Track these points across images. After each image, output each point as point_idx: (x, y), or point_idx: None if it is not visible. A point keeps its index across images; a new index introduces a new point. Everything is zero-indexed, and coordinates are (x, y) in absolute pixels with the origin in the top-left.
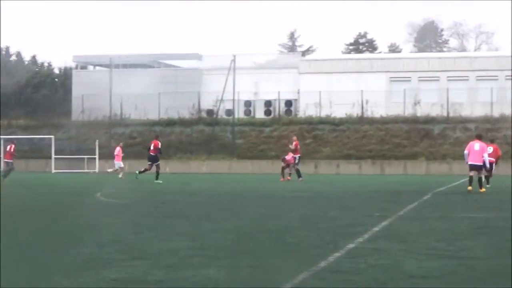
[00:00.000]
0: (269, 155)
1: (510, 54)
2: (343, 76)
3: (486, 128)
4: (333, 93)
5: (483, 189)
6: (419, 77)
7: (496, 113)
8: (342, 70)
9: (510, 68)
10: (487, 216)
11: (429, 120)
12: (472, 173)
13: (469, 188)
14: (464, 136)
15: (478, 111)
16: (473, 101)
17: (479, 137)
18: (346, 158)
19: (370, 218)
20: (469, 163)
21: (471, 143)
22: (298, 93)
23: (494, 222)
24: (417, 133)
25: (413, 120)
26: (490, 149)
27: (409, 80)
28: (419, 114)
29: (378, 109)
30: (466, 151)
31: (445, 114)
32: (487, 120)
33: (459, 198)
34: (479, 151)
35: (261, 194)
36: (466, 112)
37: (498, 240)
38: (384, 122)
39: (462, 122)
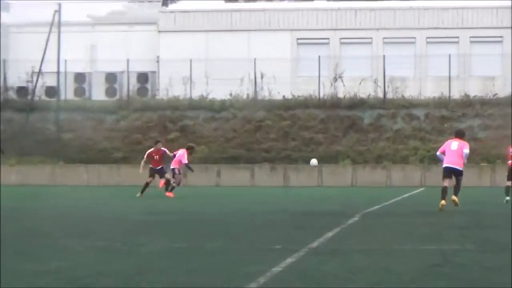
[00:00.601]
0: (114, 158)
1: (478, 5)
2: (225, 36)
3: (440, 116)
4: (210, 62)
5: (456, 198)
6: (342, 38)
7: (455, 93)
8: (223, 28)
9: (478, 26)
10: (445, 248)
11: (356, 104)
12: (446, 182)
13: (443, 203)
14: (409, 127)
15: (430, 90)
16: (423, 75)
17: (459, 135)
18: (231, 162)
19: (269, 252)
20: (445, 165)
21: (447, 142)
22: (158, 62)
23: (455, 257)
24: (338, 124)
25: (333, 104)
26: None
27: (327, 43)
28: (341, 94)
29: (280, 87)
30: (438, 153)
31: (380, 94)
32: (442, 103)
33: (402, 221)
34: (457, 151)
35: (104, 218)
36: (412, 91)
37: (461, 283)
38: (288, 106)
39: (405, 106)
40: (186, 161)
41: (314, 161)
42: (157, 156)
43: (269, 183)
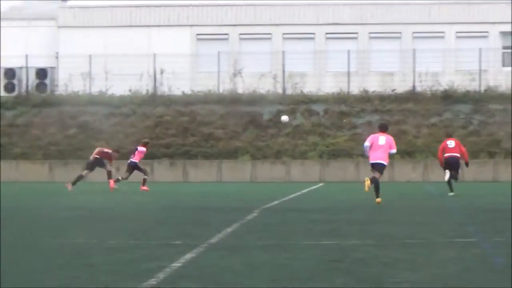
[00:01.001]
0: (12, 154)
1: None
2: (125, 32)
3: (339, 112)
4: (110, 58)
5: (379, 199)
6: (241, 33)
7: (354, 89)
8: (123, 23)
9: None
10: (344, 243)
11: (255, 99)
12: (377, 174)
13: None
14: (308, 123)
15: (329, 86)
16: (322, 70)
17: (383, 129)
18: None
19: (168, 248)
20: (374, 161)
21: (374, 135)
22: (57, 57)
23: (353, 252)
24: (238, 119)
25: (232, 100)
26: (451, 143)
27: (226, 39)
28: (241, 90)
29: (179, 83)
30: (367, 143)
31: (279, 90)
32: (341, 99)
33: (302, 217)
34: (384, 147)
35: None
36: (311, 87)
37: (359, 278)
38: (188, 102)
39: (304, 102)
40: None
41: (285, 118)
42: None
43: (168, 177)
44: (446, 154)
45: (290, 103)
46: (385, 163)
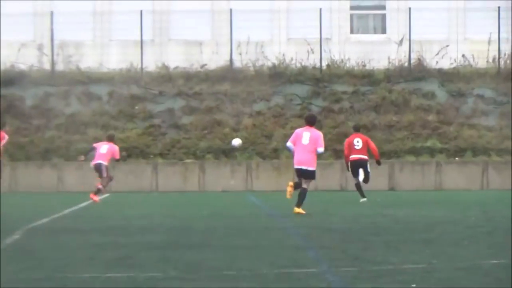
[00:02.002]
0: None
1: None
2: None
3: (130, 96)
4: None
5: (300, 210)
6: None
7: (150, 64)
8: None
9: None
10: (140, 275)
11: (14, 79)
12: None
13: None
14: (87, 111)
15: (115, 60)
16: (105, 39)
17: (310, 122)
18: None
19: None
20: (296, 167)
21: (298, 130)
22: None
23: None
24: None
25: None
26: (358, 143)
27: None
28: None
29: None
30: (289, 143)
31: (47, 65)
32: (132, 78)
33: (81, 239)
34: (309, 146)
35: None
36: (90, 60)
37: None
38: None
39: (81, 81)
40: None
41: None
42: None
43: None
44: (352, 156)
45: (62, 84)
46: (310, 168)
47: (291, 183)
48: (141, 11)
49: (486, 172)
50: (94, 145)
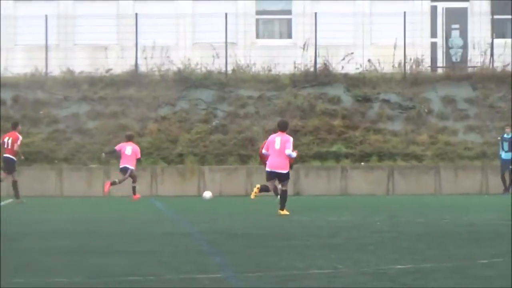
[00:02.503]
0: None
1: None
2: None
3: (34, 100)
4: None
5: (286, 211)
6: None
7: (55, 68)
8: None
9: None
10: None
11: None
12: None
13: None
14: None
15: (19, 63)
16: (9, 42)
17: (282, 128)
18: None
19: None
20: (267, 169)
21: (271, 136)
22: None
23: None
24: None
25: None
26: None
27: None
28: None
29: None
30: (264, 151)
31: None
32: (37, 82)
33: None
34: (280, 150)
35: None
36: None
37: None
38: None
39: None
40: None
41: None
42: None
43: None
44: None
45: None
46: (283, 171)
47: (258, 186)
48: (46, 16)
49: (391, 177)
50: (117, 148)
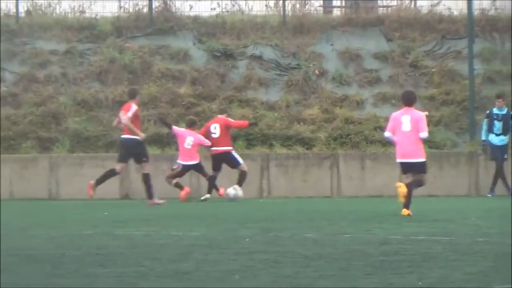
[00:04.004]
0: None
1: None
2: None
3: None
4: None
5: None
6: None
7: None
8: None
9: None
10: None
11: None
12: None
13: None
14: None
15: None
16: None
17: (409, 101)
18: None
19: None
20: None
21: (395, 114)
22: None
23: None
24: None
25: None
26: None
27: None
28: None
29: None
30: (388, 133)
31: None
32: None
33: None
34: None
35: None
36: None
37: None
38: None
39: None
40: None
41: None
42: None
43: None
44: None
45: None
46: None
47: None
48: None
49: (266, 171)
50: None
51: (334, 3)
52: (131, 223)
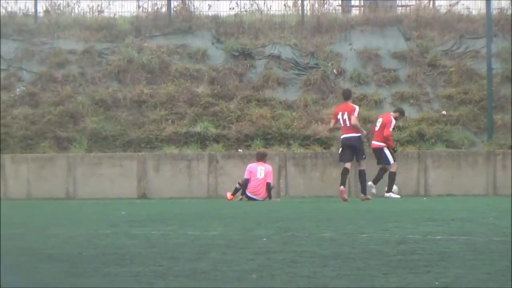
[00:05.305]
0: None
1: None
2: None
3: None
4: None
5: None
6: None
7: None
8: None
9: None
10: None
11: None
12: None
13: None
14: None
15: None
16: None
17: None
18: None
19: None
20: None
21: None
22: None
23: None
24: None
25: None
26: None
27: None
28: None
29: None
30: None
31: None
32: None
33: None
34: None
35: None
36: None
37: None
38: None
39: None
40: None
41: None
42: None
43: None
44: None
45: None
46: None
47: None
48: None
49: (284, 169)
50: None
51: (353, 2)
52: (148, 223)
